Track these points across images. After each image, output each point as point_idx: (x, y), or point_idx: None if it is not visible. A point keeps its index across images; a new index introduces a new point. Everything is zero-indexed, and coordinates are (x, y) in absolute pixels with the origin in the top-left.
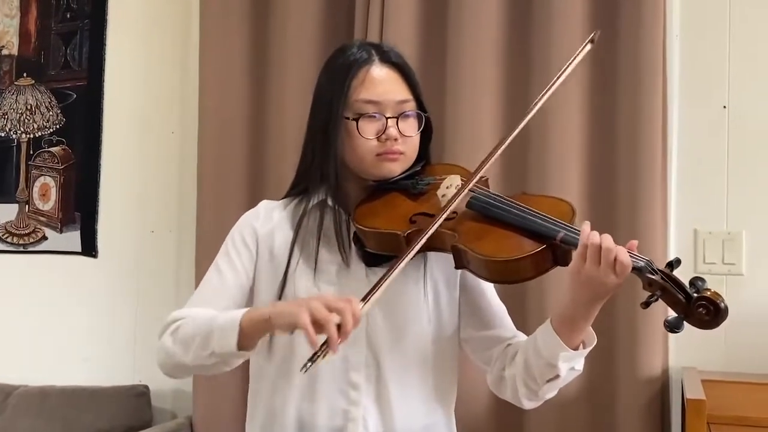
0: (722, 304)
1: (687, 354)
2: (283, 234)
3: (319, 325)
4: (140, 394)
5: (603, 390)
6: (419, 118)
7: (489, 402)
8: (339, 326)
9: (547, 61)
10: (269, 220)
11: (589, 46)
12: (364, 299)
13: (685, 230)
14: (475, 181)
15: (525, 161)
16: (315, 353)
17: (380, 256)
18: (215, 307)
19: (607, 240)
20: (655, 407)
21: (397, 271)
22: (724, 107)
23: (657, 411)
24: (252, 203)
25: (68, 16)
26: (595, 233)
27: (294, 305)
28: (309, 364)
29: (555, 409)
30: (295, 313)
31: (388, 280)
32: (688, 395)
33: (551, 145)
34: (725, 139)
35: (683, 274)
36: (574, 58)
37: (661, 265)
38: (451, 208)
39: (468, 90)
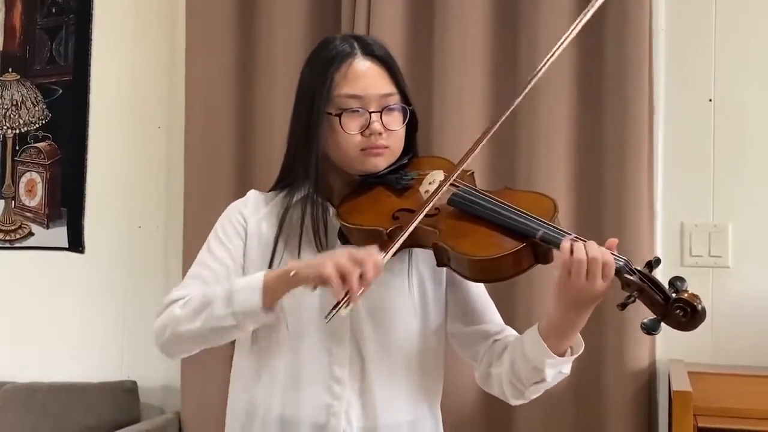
0: (699, 306)
1: (674, 346)
2: (269, 227)
3: (342, 277)
4: (128, 389)
5: (590, 382)
6: (404, 111)
7: (477, 396)
8: (361, 276)
9: (534, 47)
10: (257, 211)
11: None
12: (385, 251)
13: (671, 223)
14: (453, 178)
15: (512, 155)
16: (338, 303)
17: None
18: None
19: (593, 250)
20: (642, 399)
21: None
22: (710, 100)
23: (644, 403)
24: (239, 198)
25: (53, 11)
26: (579, 247)
27: (318, 259)
28: (333, 312)
29: (542, 402)
30: (321, 266)
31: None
32: (675, 387)
33: (537, 140)
34: (711, 132)
35: (670, 267)
36: (586, 13)
37: (641, 264)
38: (431, 205)
39: (456, 80)
